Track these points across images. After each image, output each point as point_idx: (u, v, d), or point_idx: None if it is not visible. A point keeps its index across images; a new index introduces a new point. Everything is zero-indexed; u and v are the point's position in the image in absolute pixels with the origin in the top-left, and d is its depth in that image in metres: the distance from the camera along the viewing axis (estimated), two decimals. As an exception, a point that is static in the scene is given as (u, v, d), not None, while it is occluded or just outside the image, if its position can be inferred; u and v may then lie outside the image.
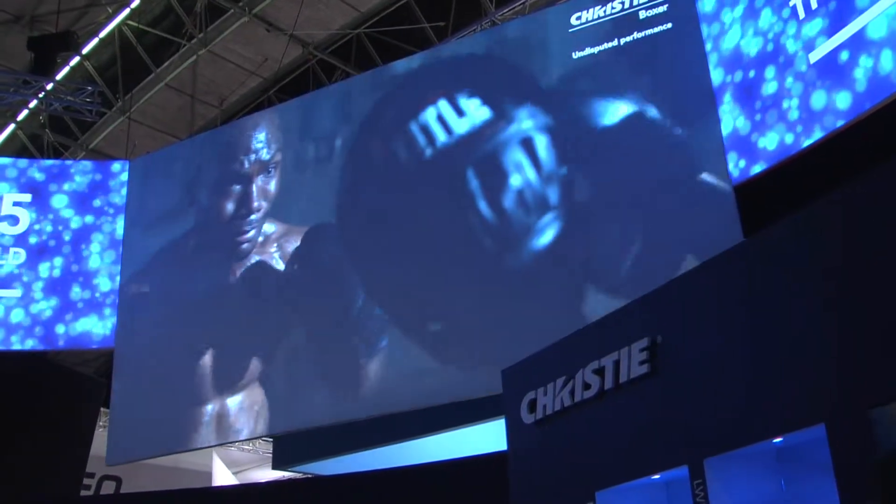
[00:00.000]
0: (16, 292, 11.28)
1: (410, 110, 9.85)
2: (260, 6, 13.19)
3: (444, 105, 9.64)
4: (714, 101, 8.02)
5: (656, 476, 4.90)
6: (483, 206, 9.01)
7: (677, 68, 8.44)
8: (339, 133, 10.41)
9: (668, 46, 8.55)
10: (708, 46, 8.22)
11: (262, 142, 10.99)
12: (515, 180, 8.89)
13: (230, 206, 10.93)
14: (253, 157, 10.98)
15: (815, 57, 7.06)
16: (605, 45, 8.89)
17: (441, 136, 9.50)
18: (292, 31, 13.46)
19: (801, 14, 7.23)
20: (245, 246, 10.68)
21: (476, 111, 9.39)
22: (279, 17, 13.35)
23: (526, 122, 9.09)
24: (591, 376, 5.33)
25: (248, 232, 10.70)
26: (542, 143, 8.94)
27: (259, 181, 10.81)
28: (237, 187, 10.95)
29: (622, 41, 8.80)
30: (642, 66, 8.65)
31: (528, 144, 8.95)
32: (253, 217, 10.71)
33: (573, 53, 9.04)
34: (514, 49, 9.57)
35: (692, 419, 4.62)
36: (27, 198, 11.69)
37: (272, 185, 10.70)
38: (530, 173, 8.83)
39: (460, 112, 9.48)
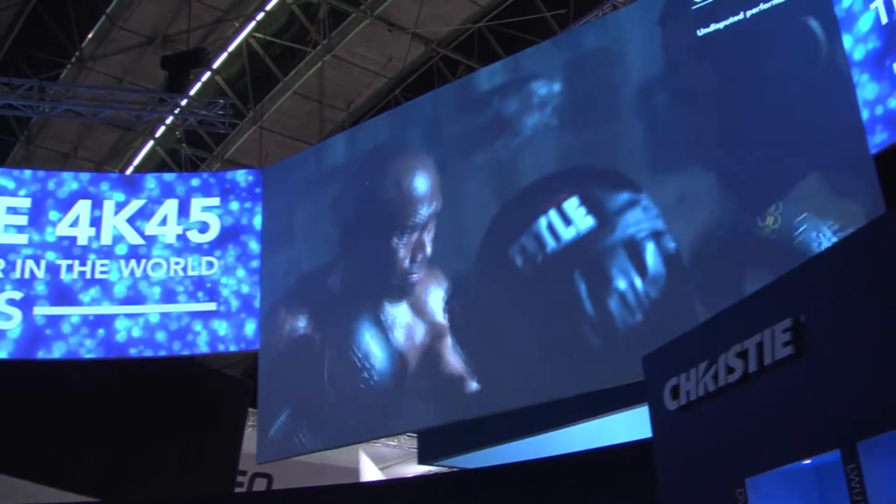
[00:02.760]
0: (179, 307, 11.69)
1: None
2: (381, 7, 13.34)
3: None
4: (849, 69, 7.71)
5: (807, 461, 4.75)
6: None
7: (808, 37, 8.16)
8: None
9: (796, 15, 8.27)
10: (839, 12, 7.91)
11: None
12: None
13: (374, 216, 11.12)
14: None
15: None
16: (731, 20, 8.66)
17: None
18: (414, 30, 13.57)
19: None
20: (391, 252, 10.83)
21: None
22: (400, 16, 13.47)
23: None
24: (734, 360, 5.20)
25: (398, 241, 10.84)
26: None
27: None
28: (379, 203, 11.13)
29: (748, 13, 8.56)
30: (771, 38, 8.40)
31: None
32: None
33: (698, 31, 8.85)
34: (633, 33, 9.46)
35: (842, 401, 4.46)
36: (216, 201, 12.13)
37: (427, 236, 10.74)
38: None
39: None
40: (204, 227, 11.97)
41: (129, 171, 15.91)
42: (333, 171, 11.73)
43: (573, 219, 9.23)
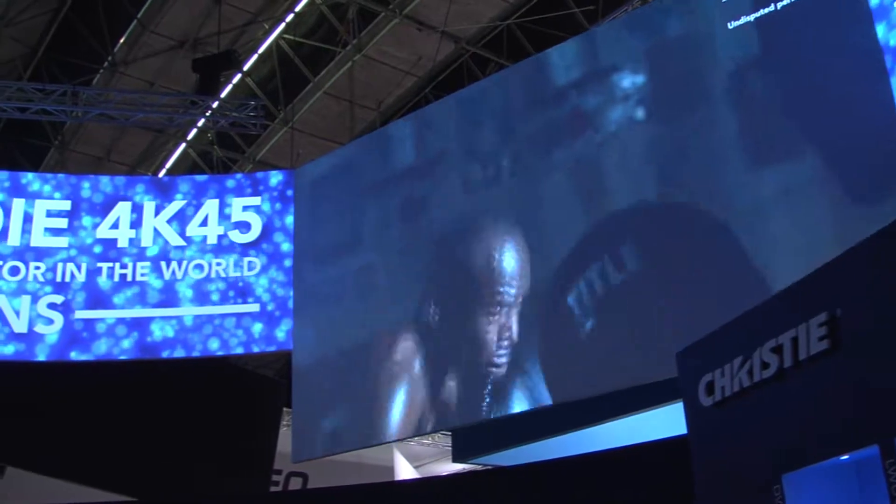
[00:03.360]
0: (212, 309, 11.73)
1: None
2: (410, 6, 13.35)
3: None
4: (882, 59, 7.62)
5: (844, 457, 4.70)
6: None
7: (840, 28, 8.07)
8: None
9: (828, 5, 8.18)
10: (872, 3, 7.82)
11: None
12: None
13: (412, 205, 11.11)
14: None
15: None
16: (762, 12, 8.58)
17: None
18: (443, 28, 13.57)
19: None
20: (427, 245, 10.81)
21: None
22: (429, 14, 13.48)
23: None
24: (769, 355, 5.15)
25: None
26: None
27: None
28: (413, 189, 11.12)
29: (779, 5, 8.47)
30: (803, 29, 8.31)
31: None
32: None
33: (728, 24, 8.77)
34: (665, 25, 9.39)
35: (879, 396, 4.40)
36: (256, 201, 12.15)
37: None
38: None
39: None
40: (245, 227, 12.02)
41: (161, 174, 16.03)
42: (401, 174, 11.43)
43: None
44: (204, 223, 11.98)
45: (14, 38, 13.61)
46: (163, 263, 11.72)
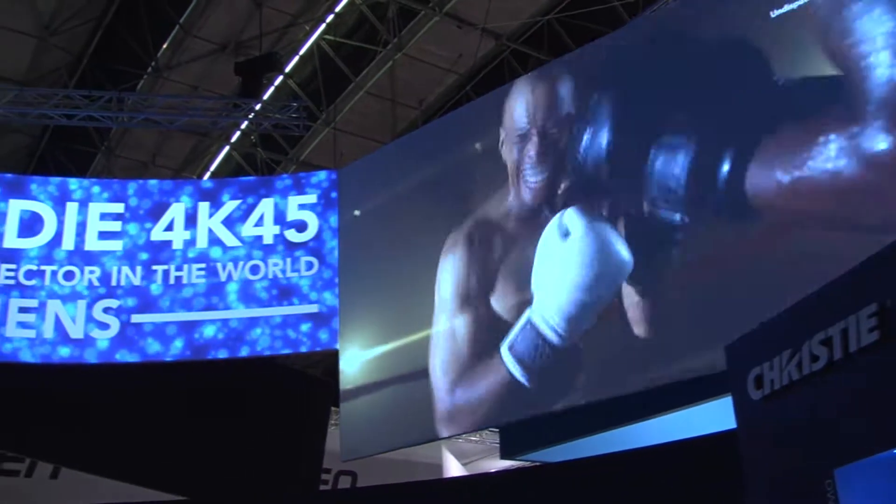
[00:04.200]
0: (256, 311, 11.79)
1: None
2: (450, 4, 13.36)
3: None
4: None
5: (898, 450, 4.63)
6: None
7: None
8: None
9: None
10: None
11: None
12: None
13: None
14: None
15: None
16: (804, -1, 8.45)
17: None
18: (483, 25, 13.55)
19: None
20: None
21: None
22: (469, 12, 13.47)
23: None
24: (819, 347, 5.08)
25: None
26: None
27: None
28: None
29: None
30: (848, 13, 8.17)
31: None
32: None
33: (771, 12, 8.65)
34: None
35: (932, 387, 4.35)
36: (312, 199, 12.17)
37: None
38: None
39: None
40: (302, 226, 12.04)
41: (206, 177, 16.19)
42: (448, 170, 11.35)
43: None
44: (259, 223, 11.99)
45: (59, 47, 13.83)
46: (218, 265, 11.76)
